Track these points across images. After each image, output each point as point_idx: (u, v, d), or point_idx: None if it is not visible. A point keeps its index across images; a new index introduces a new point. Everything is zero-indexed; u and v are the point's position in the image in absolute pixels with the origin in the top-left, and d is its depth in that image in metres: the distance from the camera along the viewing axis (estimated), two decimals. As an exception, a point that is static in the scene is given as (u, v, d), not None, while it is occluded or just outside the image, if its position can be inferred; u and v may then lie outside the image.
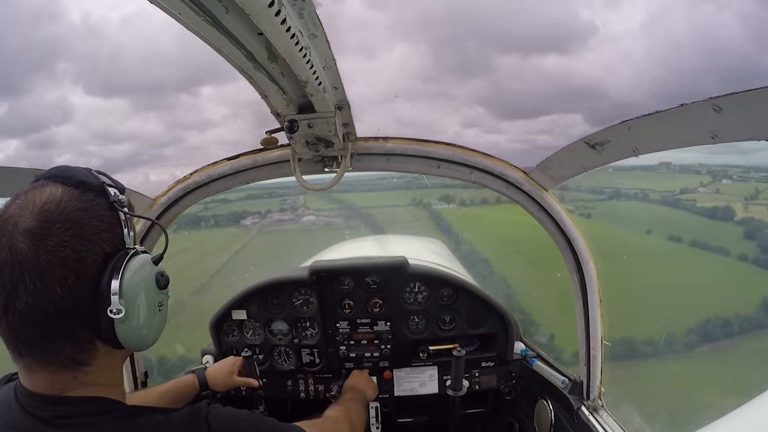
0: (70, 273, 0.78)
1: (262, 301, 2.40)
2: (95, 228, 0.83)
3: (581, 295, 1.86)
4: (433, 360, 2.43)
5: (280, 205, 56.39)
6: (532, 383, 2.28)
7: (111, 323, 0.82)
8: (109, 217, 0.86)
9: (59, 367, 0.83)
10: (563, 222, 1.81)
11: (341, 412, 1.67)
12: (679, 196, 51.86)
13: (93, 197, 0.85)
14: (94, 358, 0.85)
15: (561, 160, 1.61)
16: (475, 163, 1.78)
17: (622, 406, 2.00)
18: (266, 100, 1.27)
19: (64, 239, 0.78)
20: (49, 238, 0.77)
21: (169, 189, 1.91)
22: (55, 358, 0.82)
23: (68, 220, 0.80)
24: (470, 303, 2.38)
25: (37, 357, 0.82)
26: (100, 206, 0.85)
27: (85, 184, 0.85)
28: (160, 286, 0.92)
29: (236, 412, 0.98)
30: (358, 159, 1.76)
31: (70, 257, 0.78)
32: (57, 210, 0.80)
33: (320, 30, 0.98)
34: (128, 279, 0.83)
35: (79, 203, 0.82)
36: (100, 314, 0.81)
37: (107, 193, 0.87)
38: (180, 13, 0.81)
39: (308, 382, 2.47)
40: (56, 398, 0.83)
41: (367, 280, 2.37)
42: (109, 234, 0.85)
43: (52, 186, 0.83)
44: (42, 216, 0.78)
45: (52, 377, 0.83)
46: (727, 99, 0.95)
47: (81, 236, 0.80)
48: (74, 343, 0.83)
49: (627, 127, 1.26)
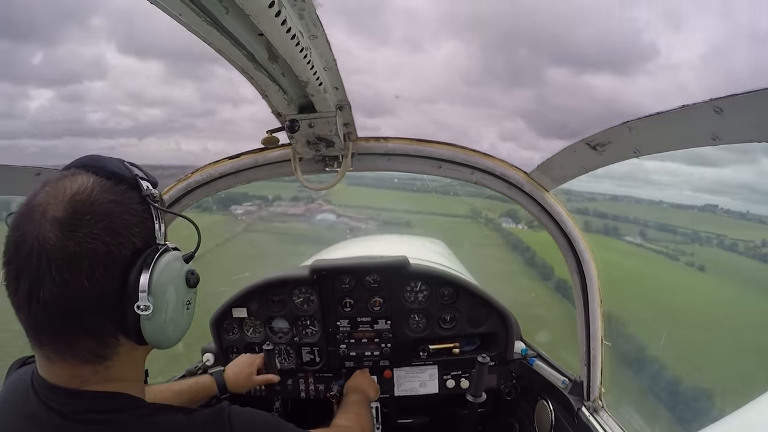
0: (98, 266, 0.77)
1: (263, 299, 2.40)
2: (126, 222, 0.81)
3: (582, 295, 1.86)
4: (434, 359, 2.44)
5: (297, 192, 48.72)
6: (533, 383, 2.28)
7: (137, 319, 0.81)
8: (141, 212, 0.84)
9: (80, 360, 0.81)
10: (564, 223, 1.80)
11: (353, 420, 1.65)
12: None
13: (125, 190, 0.83)
14: (116, 353, 0.84)
15: (562, 161, 1.61)
16: (476, 163, 1.78)
17: (622, 406, 1.99)
18: (267, 100, 1.28)
19: (94, 231, 0.76)
20: (79, 229, 0.75)
21: (171, 188, 1.92)
22: (76, 350, 0.80)
23: (99, 212, 0.78)
24: (471, 302, 2.38)
25: (57, 348, 0.80)
26: (132, 200, 0.83)
27: (118, 176, 0.83)
28: (189, 285, 0.91)
29: (257, 414, 0.97)
30: (358, 159, 1.76)
31: (99, 250, 0.77)
32: (88, 201, 0.78)
33: (320, 30, 0.98)
34: (158, 275, 0.82)
35: (110, 195, 0.81)
36: (126, 309, 0.80)
37: (140, 186, 0.85)
38: (180, 13, 0.81)
39: (308, 381, 2.48)
40: (76, 392, 0.81)
41: (367, 279, 2.38)
42: (141, 228, 0.83)
43: (83, 175, 0.81)
44: (72, 206, 0.77)
45: (72, 370, 0.81)
46: (727, 100, 0.94)
47: (111, 229, 0.78)
48: (97, 337, 0.81)
49: (628, 128, 1.25)
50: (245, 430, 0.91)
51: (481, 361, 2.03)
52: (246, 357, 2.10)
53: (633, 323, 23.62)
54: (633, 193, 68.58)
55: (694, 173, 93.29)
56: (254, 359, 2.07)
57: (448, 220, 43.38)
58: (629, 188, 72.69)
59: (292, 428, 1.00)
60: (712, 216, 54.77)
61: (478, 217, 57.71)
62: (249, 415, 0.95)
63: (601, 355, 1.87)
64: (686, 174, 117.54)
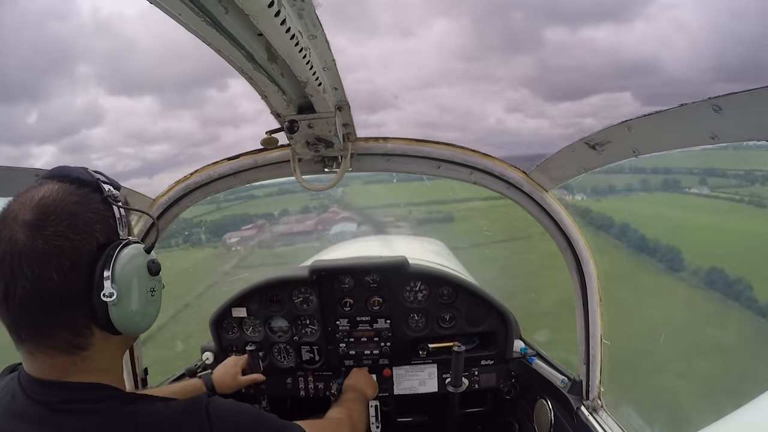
0: (65, 260, 0.83)
1: (263, 299, 2.40)
2: (89, 219, 0.88)
3: (581, 294, 1.86)
4: (433, 358, 2.44)
5: (309, 200, 41.98)
6: (532, 382, 2.28)
7: (105, 307, 0.86)
8: (104, 210, 0.91)
9: (58, 352, 0.87)
10: (563, 222, 1.81)
11: (344, 414, 1.68)
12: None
13: (87, 192, 0.90)
14: (91, 343, 0.89)
15: (561, 161, 1.61)
16: (475, 163, 1.78)
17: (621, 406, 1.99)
18: (266, 101, 1.28)
19: (60, 229, 0.83)
20: (46, 229, 0.82)
21: (170, 189, 1.92)
22: (54, 341, 0.86)
23: (63, 212, 0.85)
24: (470, 301, 2.38)
25: (37, 341, 0.86)
26: (95, 200, 0.91)
27: (81, 181, 0.91)
28: (151, 273, 0.96)
29: (236, 405, 1.01)
30: (358, 159, 1.76)
31: (65, 246, 0.83)
32: (53, 204, 0.85)
33: (320, 30, 0.98)
34: (120, 265, 0.88)
35: (74, 197, 0.88)
36: (93, 299, 0.86)
37: (101, 188, 0.92)
38: (180, 13, 0.81)
39: (308, 379, 2.48)
40: (57, 383, 0.87)
41: (367, 279, 2.38)
42: (103, 225, 0.90)
43: (50, 183, 0.89)
44: (39, 209, 0.84)
45: (53, 362, 0.87)
46: (726, 99, 0.95)
47: (75, 227, 0.85)
48: (71, 327, 0.87)
49: (627, 128, 1.26)
50: (223, 420, 0.94)
51: (456, 351, 2.09)
52: (231, 359, 2.16)
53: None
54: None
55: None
56: (238, 360, 2.13)
57: (489, 204, 35.23)
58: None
59: (274, 419, 1.03)
60: (745, 153, 50.62)
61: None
62: (228, 406, 0.99)
63: (601, 354, 1.88)
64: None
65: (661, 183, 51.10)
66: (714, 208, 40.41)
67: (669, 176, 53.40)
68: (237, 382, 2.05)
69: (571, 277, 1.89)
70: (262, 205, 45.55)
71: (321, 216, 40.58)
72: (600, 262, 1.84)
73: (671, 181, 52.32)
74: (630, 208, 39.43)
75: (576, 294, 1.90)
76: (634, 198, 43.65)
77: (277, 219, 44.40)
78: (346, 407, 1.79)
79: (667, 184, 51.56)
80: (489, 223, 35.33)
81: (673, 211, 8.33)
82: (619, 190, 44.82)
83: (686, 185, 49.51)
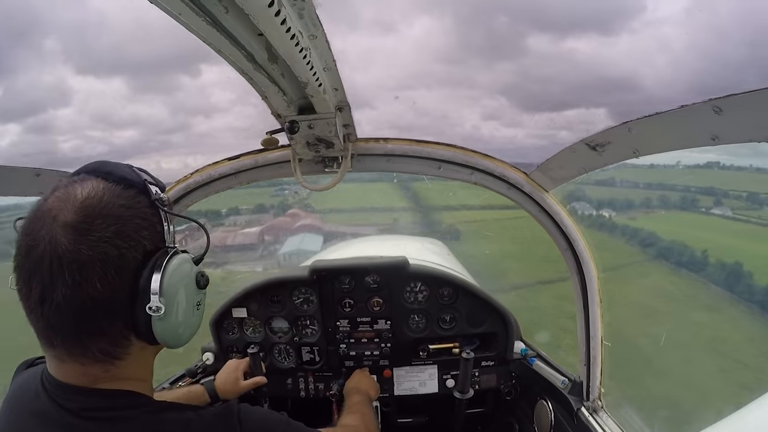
0: (110, 268, 0.78)
1: (263, 299, 2.40)
2: (137, 225, 0.83)
3: (582, 295, 1.86)
4: (433, 359, 2.44)
5: (271, 197, 43.17)
6: (532, 383, 2.28)
7: (149, 320, 0.82)
8: (150, 215, 0.86)
9: (92, 360, 0.82)
10: (564, 223, 1.80)
11: (360, 421, 1.65)
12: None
13: (135, 194, 0.85)
14: (127, 353, 0.85)
15: (561, 162, 1.61)
16: (475, 164, 1.78)
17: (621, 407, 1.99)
18: (266, 101, 1.28)
19: (106, 235, 0.78)
20: (91, 233, 0.77)
21: (169, 189, 1.92)
22: (88, 350, 0.82)
23: (110, 216, 0.80)
24: (470, 302, 2.38)
25: (70, 349, 0.82)
26: (142, 204, 0.85)
27: (127, 181, 0.85)
28: (199, 286, 0.93)
29: (266, 413, 0.98)
30: (358, 160, 1.76)
31: (111, 253, 0.78)
32: (99, 205, 0.80)
33: (320, 31, 0.98)
34: (168, 277, 0.84)
35: (121, 200, 0.82)
36: (138, 310, 0.82)
37: (149, 191, 0.87)
38: (180, 13, 0.81)
39: (308, 380, 2.48)
40: (87, 390, 0.83)
41: (367, 279, 2.38)
42: (150, 232, 0.85)
43: (93, 181, 0.83)
44: (84, 210, 0.78)
45: (84, 369, 0.83)
46: (727, 100, 0.94)
47: (122, 233, 0.80)
48: (109, 337, 0.83)
49: (627, 129, 1.25)
50: (255, 429, 0.91)
51: (465, 357, 2.08)
52: (232, 362, 2.14)
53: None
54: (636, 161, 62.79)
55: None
56: (239, 364, 2.11)
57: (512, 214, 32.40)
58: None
59: (302, 428, 1.01)
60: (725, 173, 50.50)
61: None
62: (259, 415, 0.96)
63: (601, 355, 1.87)
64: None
65: (678, 200, 50.10)
66: (732, 230, 40.05)
67: (676, 193, 52.07)
68: (239, 387, 2.03)
69: (572, 278, 1.89)
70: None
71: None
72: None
73: (684, 199, 51.20)
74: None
75: (576, 295, 1.90)
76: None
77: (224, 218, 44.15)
78: (360, 412, 1.76)
79: (685, 201, 50.54)
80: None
81: (688, 228, 8.10)
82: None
83: (702, 205, 48.46)
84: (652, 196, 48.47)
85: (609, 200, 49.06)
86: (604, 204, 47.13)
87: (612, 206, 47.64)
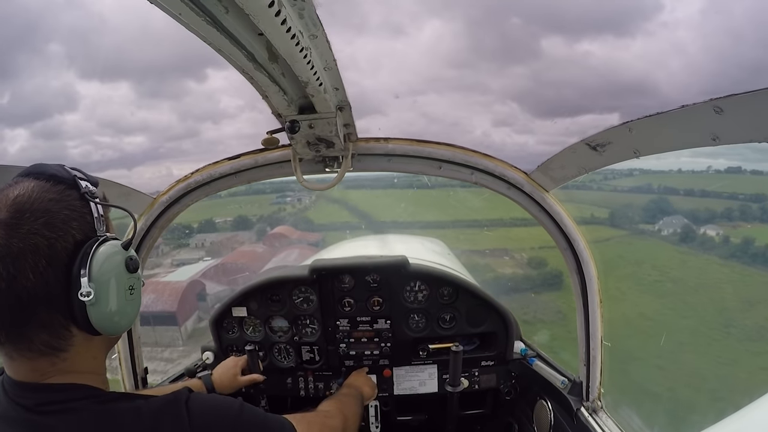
0: (41, 259, 0.81)
1: (263, 298, 2.41)
2: (65, 216, 0.86)
3: (581, 295, 1.86)
4: (433, 358, 2.44)
5: (275, 205, 38.03)
6: (532, 383, 2.28)
7: (83, 307, 0.84)
8: (80, 207, 0.89)
9: (37, 354, 0.85)
10: (564, 223, 1.80)
11: (334, 406, 1.67)
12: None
13: (64, 189, 0.88)
14: (70, 344, 0.88)
15: (562, 161, 1.61)
16: (475, 164, 1.78)
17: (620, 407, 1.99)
18: (267, 101, 1.27)
19: (35, 227, 0.81)
20: (21, 227, 0.80)
21: (170, 188, 1.92)
22: (32, 344, 0.84)
23: (38, 210, 0.83)
24: (470, 302, 2.38)
25: (15, 344, 0.84)
26: (71, 197, 0.88)
27: (57, 178, 0.89)
28: (129, 270, 0.94)
29: (218, 398, 0.99)
30: (359, 159, 1.76)
31: (41, 244, 0.81)
32: (28, 201, 0.83)
33: (320, 30, 0.98)
34: (97, 263, 0.86)
35: (49, 194, 0.86)
36: (71, 298, 0.84)
37: (78, 185, 0.90)
38: (180, 13, 0.81)
39: (308, 379, 2.48)
40: (37, 385, 0.86)
41: (367, 278, 2.38)
42: (80, 222, 0.88)
43: (25, 181, 0.87)
44: (14, 207, 0.82)
45: (32, 364, 0.86)
46: (727, 100, 0.94)
47: (51, 224, 0.83)
48: (49, 328, 0.85)
49: (628, 129, 1.25)
50: (204, 415, 0.92)
51: (454, 350, 2.09)
52: (231, 359, 2.15)
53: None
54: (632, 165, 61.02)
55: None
56: (238, 361, 2.12)
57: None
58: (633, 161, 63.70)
59: (258, 412, 1.01)
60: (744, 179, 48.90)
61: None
62: (209, 400, 0.97)
63: (601, 355, 1.87)
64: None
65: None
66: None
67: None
68: (236, 383, 2.05)
69: (571, 277, 1.89)
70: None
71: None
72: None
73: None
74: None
75: (576, 295, 1.90)
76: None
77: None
78: (338, 400, 1.78)
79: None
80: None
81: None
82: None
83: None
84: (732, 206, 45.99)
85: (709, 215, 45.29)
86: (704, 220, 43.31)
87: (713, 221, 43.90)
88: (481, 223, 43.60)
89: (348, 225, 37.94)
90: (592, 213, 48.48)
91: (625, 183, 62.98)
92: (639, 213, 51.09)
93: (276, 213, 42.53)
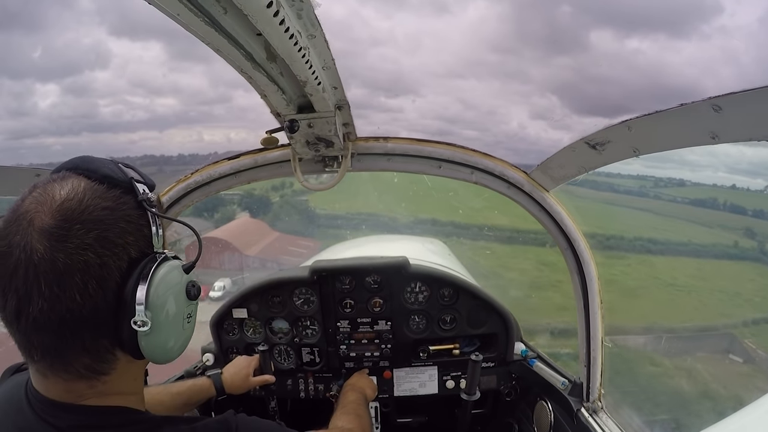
0: (91, 279, 0.71)
1: (263, 299, 2.40)
2: (121, 230, 0.75)
3: (582, 296, 1.86)
4: (434, 360, 2.43)
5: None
6: (532, 384, 2.28)
7: (134, 335, 0.75)
8: (137, 218, 0.78)
9: (75, 376, 0.76)
10: (564, 223, 1.80)
11: (355, 423, 1.61)
12: None
13: (119, 194, 0.77)
14: (113, 368, 0.79)
15: (562, 161, 1.60)
16: (475, 163, 1.78)
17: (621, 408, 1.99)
18: (266, 100, 1.28)
19: (86, 242, 0.71)
20: (69, 240, 0.70)
21: (170, 188, 1.92)
22: (71, 366, 0.75)
23: (91, 221, 0.72)
24: (471, 303, 2.38)
25: (51, 364, 0.76)
26: (127, 205, 0.78)
27: (112, 180, 0.77)
28: (190, 297, 0.85)
29: (264, 423, 0.94)
30: (358, 159, 1.77)
31: (92, 262, 0.71)
32: (79, 208, 0.72)
33: (319, 30, 0.98)
34: (155, 287, 0.77)
35: (103, 201, 0.75)
36: (122, 325, 0.75)
37: (135, 190, 0.79)
38: (178, 13, 0.81)
39: (308, 381, 2.48)
40: (72, 407, 0.77)
41: (368, 279, 2.38)
42: (136, 237, 0.78)
43: (74, 179, 0.75)
44: (61, 214, 0.71)
45: (67, 385, 0.77)
46: (726, 99, 0.94)
47: (105, 239, 0.73)
48: (92, 353, 0.76)
49: (627, 127, 1.25)
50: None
51: (474, 359, 2.07)
52: (242, 359, 2.12)
53: None
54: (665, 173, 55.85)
55: (731, 152, 75.03)
56: (251, 361, 2.10)
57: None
58: (661, 169, 59.16)
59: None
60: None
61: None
62: (256, 424, 0.91)
63: (601, 356, 1.87)
64: (723, 154, 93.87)
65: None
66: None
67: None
68: (248, 383, 2.02)
69: (572, 278, 1.89)
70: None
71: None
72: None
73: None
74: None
75: (577, 295, 1.89)
76: None
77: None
78: (355, 413, 1.71)
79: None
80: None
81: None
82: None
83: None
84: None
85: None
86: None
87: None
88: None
89: (348, 225, 37.14)
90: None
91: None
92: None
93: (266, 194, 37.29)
